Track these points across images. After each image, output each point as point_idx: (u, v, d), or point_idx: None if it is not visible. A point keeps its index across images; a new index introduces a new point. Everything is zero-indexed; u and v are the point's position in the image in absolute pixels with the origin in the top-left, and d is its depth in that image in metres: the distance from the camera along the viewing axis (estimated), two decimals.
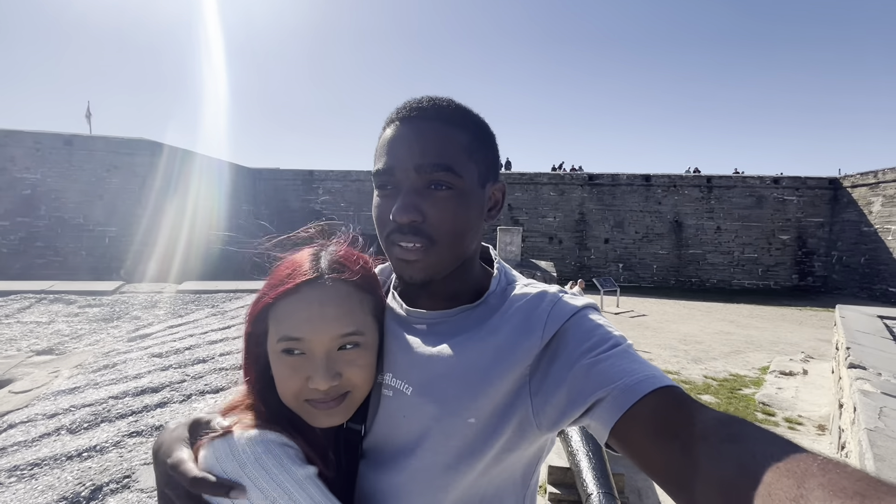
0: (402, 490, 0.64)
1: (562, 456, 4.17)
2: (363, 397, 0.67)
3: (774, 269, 23.38)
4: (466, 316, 0.68)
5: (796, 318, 15.19)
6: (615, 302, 16.24)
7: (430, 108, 0.65)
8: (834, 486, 0.32)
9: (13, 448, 2.22)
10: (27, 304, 5.67)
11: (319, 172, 25.17)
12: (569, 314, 0.62)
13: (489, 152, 0.70)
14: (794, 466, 0.36)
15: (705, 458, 0.43)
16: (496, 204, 0.72)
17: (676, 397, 0.52)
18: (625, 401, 0.52)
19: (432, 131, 0.64)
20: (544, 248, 24.09)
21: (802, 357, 9.17)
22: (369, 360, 0.66)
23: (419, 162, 0.63)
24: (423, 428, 0.63)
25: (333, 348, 0.62)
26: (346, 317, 0.63)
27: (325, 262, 0.66)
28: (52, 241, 18.00)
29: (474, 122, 0.68)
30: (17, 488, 1.88)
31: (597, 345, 0.58)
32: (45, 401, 2.80)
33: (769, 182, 23.37)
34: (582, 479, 3.46)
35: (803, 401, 6.72)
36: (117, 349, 3.89)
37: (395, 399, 0.66)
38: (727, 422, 0.46)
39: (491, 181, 0.70)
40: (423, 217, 0.63)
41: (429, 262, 0.64)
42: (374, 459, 0.68)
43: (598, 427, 0.55)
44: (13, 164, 17.78)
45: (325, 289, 0.63)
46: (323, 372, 0.61)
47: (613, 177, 24.16)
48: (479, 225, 0.69)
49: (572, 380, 0.57)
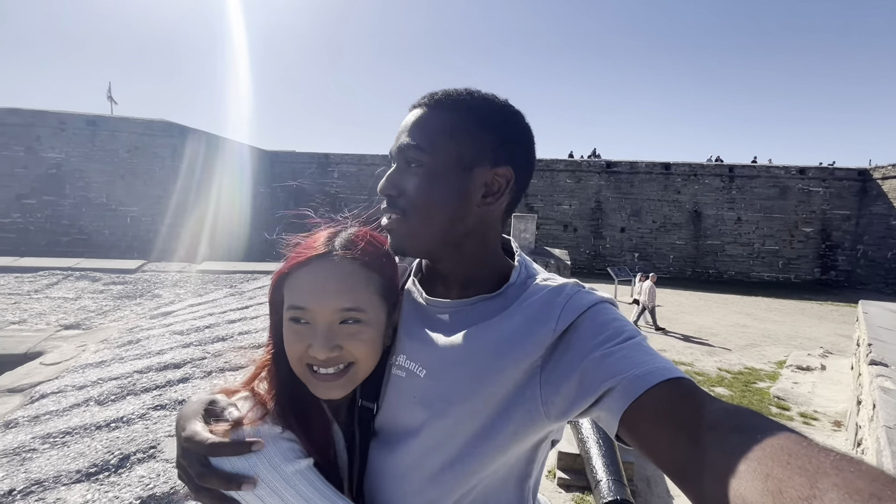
0: (408, 470, 0.66)
1: (572, 443, 4.20)
2: (366, 373, 0.70)
3: (796, 262, 22.82)
4: (485, 306, 0.69)
5: (816, 313, 14.87)
6: (630, 291, 16.10)
7: (429, 97, 0.70)
8: (849, 487, 0.31)
9: (46, 417, 2.33)
10: (55, 281, 5.87)
11: (335, 156, 25.22)
12: (584, 307, 0.63)
13: (484, 136, 0.68)
14: (805, 463, 0.35)
15: (713, 450, 0.43)
16: (498, 190, 0.69)
17: (686, 388, 0.52)
18: (633, 391, 0.52)
19: (419, 115, 0.69)
20: (559, 235, 23.89)
21: (821, 352, 9.00)
22: (371, 336, 0.68)
23: (401, 143, 0.69)
24: (432, 410, 0.65)
25: (335, 321, 0.65)
26: (348, 292, 0.66)
27: (338, 240, 0.70)
28: (77, 219, 18.52)
29: (469, 105, 0.68)
30: (51, 454, 1.97)
31: (610, 338, 0.59)
32: (74, 373, 2.93)
33: (794, 172, 22.65)
34: (591, 466, 3.49)
35: (820, 396, 6.62)
36: (140, 326, 4.02)
37: (408, 380, 0.68)
38: (735, 412, 0.46)
39: (486, 165, 0.68)
40: (399, 192, 0.69)
41: (401, 233, 0.69)
42: (384, 439, 0.70)
43: (608, 417, 0.55)
44: (39, 143, 18.23)
45: (332, 264, 0.67)
46: (322, 341, 0.64)
47: (632, 164, 23.68)
48: (461, 207, 0.68)
49: (583, 371, 0.57)
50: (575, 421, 4.18)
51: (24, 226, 18.21)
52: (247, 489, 0.57)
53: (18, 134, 18.04)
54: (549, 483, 4.08)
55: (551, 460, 4.37)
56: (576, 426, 4.15)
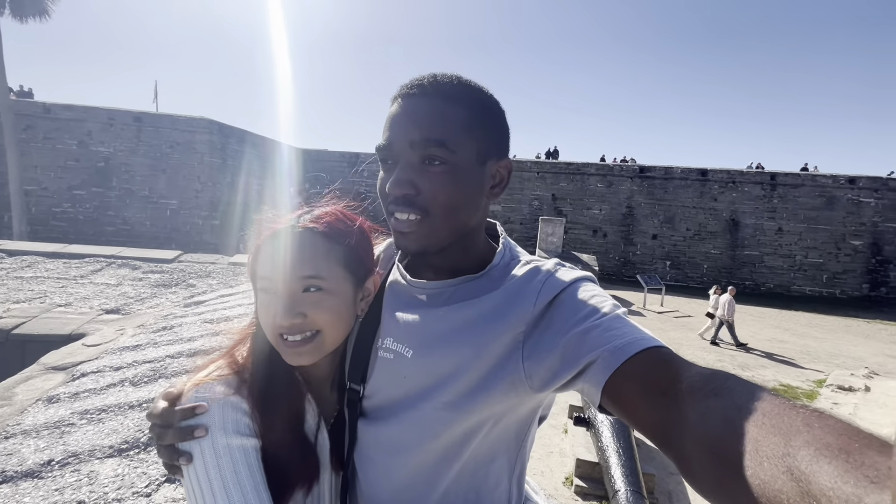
0: (399, 438, 0.68)
1: (591, 450, 4.12)
2: (335, 342, 0.72)
3: (842, 277, 21.57)
4: (468, 286, 0.71)
5: (863, 331, 14.01)
6: (659, 300, 15.62)
7: (429, 85, 0.67)
8: (819, 443, 0.33)
9: (85, 394, 2.47)
10: (99, 268, 6.21)
11: (365, 155, 25.62)
12: (564, 284, 0.65)
13: (492, 129, 0.70)
14: (779, 422, 0.37)
15: (692, 414, 0.44)
16: (501, 181, 0.72)
17: (664, 356, 0.53)
18: (614, 361, 0.54)
19: (429, 107, 0.66)
20: (588, 240, 23.44)
21: (866, 372, 8.47)
22: (333, 304, 0.70)
23: (414, 137, 0.65)
24: (422, 384, 0.67)
25: (297, 290, 0.68)
26: (307, 262, 0.68)
27: (305, 215, 0.73)
28: (122, 210, 19.52)
29: (476, 99, 0.69)
30: (88, 429, 2.09)
31: (591, 313, 0.60)
32: (112, 355, 3.09)
33: (843, 182, 21.42)
34: (610, 475, 3.41)
35: (862, 419, 6.23)
36: (174, 313, 4.20)
37: (396, 361, 0.70)
38: (712, 377, 0.47)
39: (494, 158, 0.70)
40: (417, 190, 0.66)
41: (422, 234, 0.67)
42: (373, 416, 0.72)
43: (591, 389, 0.56)
44: (90, 137, 19.32)
45: (293, 235, 0.69)
46: (283, 309, 0.67)
47: (666, 170, 22.97)
48: (477, 201, 0.70)
49: (566, 345, 0.59)
50: (595, 427, 4.09)
51: (75, 215, 19.33)
52: (199, 435, 0.61)
53: (72, 128, 19.16)
54: (566, 490, 4.01)
55: (569, 467, 4.29)
56: (595, 433, 4.06)
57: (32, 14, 16.83)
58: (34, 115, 18.95)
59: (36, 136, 18.92)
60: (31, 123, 18.87)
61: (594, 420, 4.19)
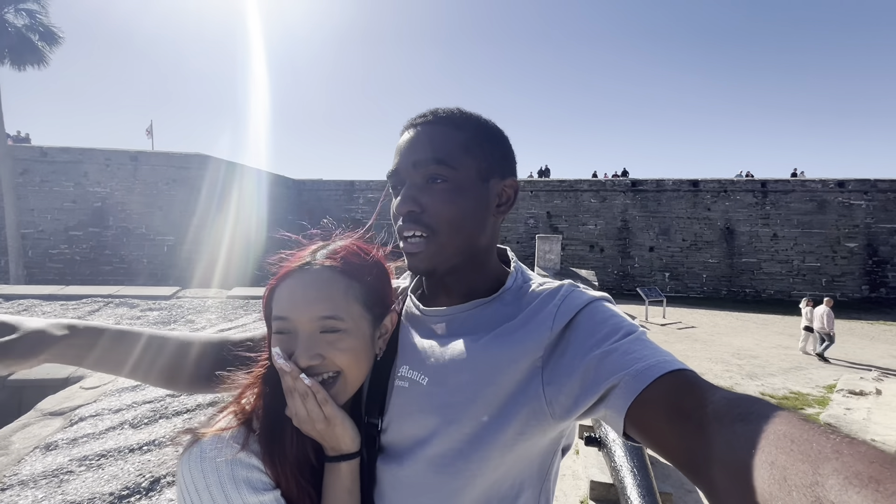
0: (418, 480, 0.65)
1: (604, 471, 4.02)
2: (356, 383, 0.70)
3: (840, 280, 21.60)
4: (481, 311, 0.70)
5: (867, 333, 13.94)
6: (661, 313, 15.54)
7: (431, 115, 0.71)
8: (848, 472, 0.32)
9: (83, 439, 2.41)
10: (97, 308, 6.15)
11: (360, 183, 25.87)
12: (580, 306, 0.64)
13: (493, 149, 0.72)
14: (807, 448, 0.36)
15: (718, 440, 0.43)
16: (507, 200, 0.74)
17: (688, 379, 0.52)
18: (636, 385, 0.52)
19: (429, 131, 0.70)
20: (585, 256, 23.49)
21: (875, 375, 8.39)
22: (352, 345, 0.67)
23: (416, 158, 0.68)
24: (437, 416, 0.65)
25: (315, 330, 0.65)
26: (325, 300, 0.66)
27: (321, 251, 0.71)
28: (118, 249, 19.51)
29: (475, 123, 0.72)
30: (87, 476, 2.03)
31: (609, 335, 0.59)
32: (111, 397, 3.02)
33: (832, 185, 21.71)
34: (626, 497, 3.32)
35: (877, 423, 6.13)
36: None
37: (412, 389, 0.69)
38: (738, 401, 0.46)
39: (497, 177, 0.72)
40: (422, 208, 0.68)
41: (430, 252, 0.68)
42: (391, 453, 0.69)
43: (613, 415, 0.54)
44: (86, 178, 19.48)
45: (311, 273, 0.68)
46: (301, 350, 0.64)
47: (658, 182, 23.26)
48: (483, 219, 0.71)
49: (585, 369, 0.57)
50: (608, 447, 4.00)
51: (71, 256, 19.30)
52: None
53: (69, 170, 19.34)
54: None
55: (583, 490, 4.17)
56: (608, 453, 3.97)
57: (31, 63, 17.18)
58: (31, 160, 19.16)
59: (33, 180, 19.07)
60: (29, 167, 19.05)
61: (605, 439, 4.10)
